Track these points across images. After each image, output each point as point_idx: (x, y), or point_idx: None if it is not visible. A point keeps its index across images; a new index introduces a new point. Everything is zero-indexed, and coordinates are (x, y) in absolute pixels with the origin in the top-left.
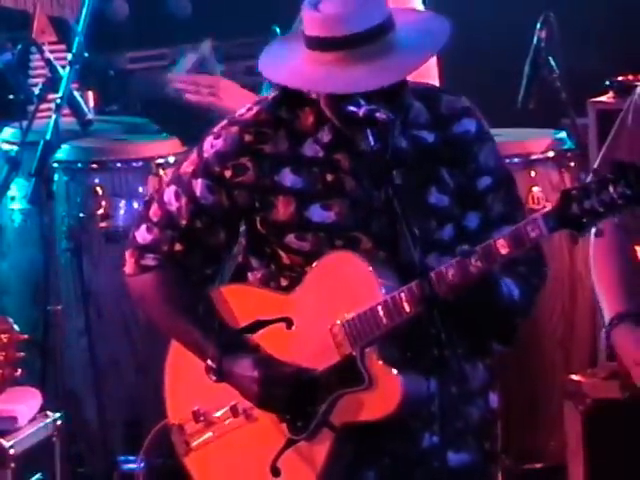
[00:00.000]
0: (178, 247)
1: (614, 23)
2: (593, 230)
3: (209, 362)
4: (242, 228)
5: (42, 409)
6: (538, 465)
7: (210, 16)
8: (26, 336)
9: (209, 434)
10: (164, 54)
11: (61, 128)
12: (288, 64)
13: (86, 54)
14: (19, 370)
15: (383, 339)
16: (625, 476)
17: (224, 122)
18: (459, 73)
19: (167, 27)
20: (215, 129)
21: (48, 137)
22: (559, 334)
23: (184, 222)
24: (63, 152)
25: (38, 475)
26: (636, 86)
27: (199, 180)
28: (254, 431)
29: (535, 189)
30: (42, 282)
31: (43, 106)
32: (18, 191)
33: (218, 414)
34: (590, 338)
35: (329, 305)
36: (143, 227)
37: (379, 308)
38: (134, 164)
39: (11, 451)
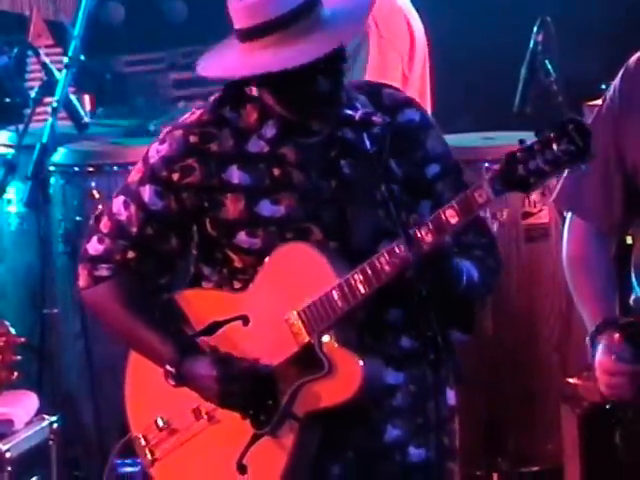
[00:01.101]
0: (131, 255)
1: (611, 26)
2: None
3: (168, 367)
4: (194, 239)
5: (38, 412)
6: (535, 468)
7: (206, 20)
8: (23, 339)
9: (173, 442)
10: (160, 58)
11: (57, 131)
12: (224, 60)
13: (82, 57)
14: (15, 373)
15: (340, 324)
16: (621, 479)
17: (168, 128)
18: (455, 76)
19: (163, 31)
20: (159, 136)
21: (45, 140)
22: (556, 337)
23: (135, 230)
24: (60, 155)
25: (34, 479)
26: None
27: (147, 186)
28: (218, 432)
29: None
30: (38, 285)
31: (39, 109)
32: (14, 194)
33: (180, 420)
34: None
35: (284, 297)
36: (94, 239)
37: (334, 292)
38: (131, 167)
39: (7, 454)
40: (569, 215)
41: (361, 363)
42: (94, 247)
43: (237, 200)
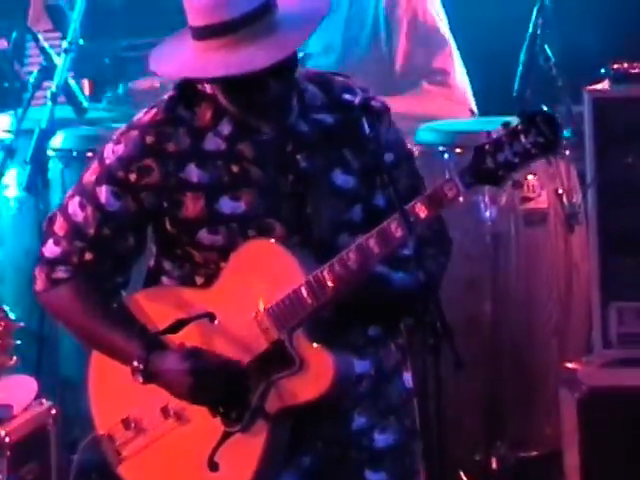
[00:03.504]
0: (88, 256)
1: (611, 11)
2: None
3: (135, 363)
4: (150, 233)
5: (37, 397)
6: (533, 452)
7: None
8: (21, 324)
9: (141, 441)
10: (160, 42)
11: (56, 116)
12: (177, 57)
13: (81, 42)
14: (14, 358)
15: (310, 320)
16: (620, 463)
17: (122, 128)
18: None
19: (163, 14)
20: (114, 136)
21: (44, 125)
22: (554, 322)
23: (92, 231)
24: (59, 140)
25: (33, 463)
26: (632, 74)
27: (103, 187)
28: (188, 431)
29: (530, 177)
30: None
31: (38, 94)
32: (13, 179)
33: (148, 419)
34: (585, 326)
35: (251, 294)
36: (50, 242)
37: (302, 289)
38: None
39: (6, 439)
40: None
41: (333, 358)
42: (50, 249)
43: (197, 198)
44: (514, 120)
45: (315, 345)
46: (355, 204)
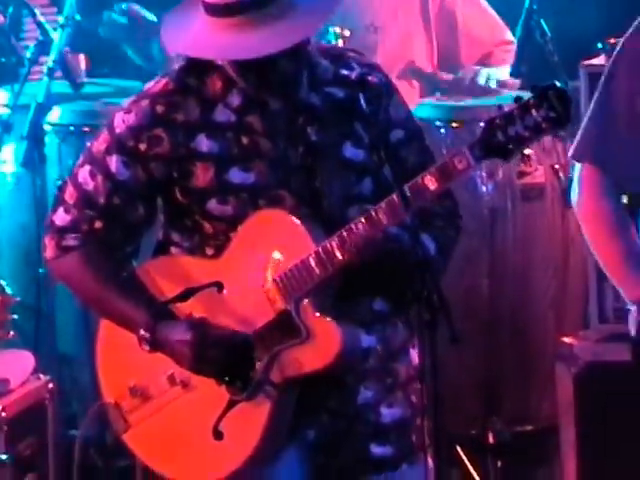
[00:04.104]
0: (98, 225)
1: None
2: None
3: (142, 332)
4: (160, 204)
5: (35, 371)
6: (529, 427)
7: None
8: (18, 299)
9: (147, 408)
10: (157, 17)
11: (53, 91)
12: (190, 32)
13: (78, 17)
14: (11, 332)
15: (318, 291)
16: (616, 438)
17: (133, 98)
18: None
19: None
20: (124, 105)
21: (40, 100)
22: (551, 297)
23: (102, 200)
24: (55, 115)
25: (31, 438)
26: None
27: (113, 156)
28: (193, 399)
29: (526, 150)
30: (34, 245)
31: (34, 69)
32: (10, 154)
33: (155, 387)
34: (582, 301)
35: (259, 263)
36: (60, 210)
37: (311, 259)
38: None
39: (3, 414)
40: (581, 169)
41: (339, 328)
42: (61, 217)
43: (207, 168)
44: (525, 95)
45: (322, 316)
46: (365, 177)
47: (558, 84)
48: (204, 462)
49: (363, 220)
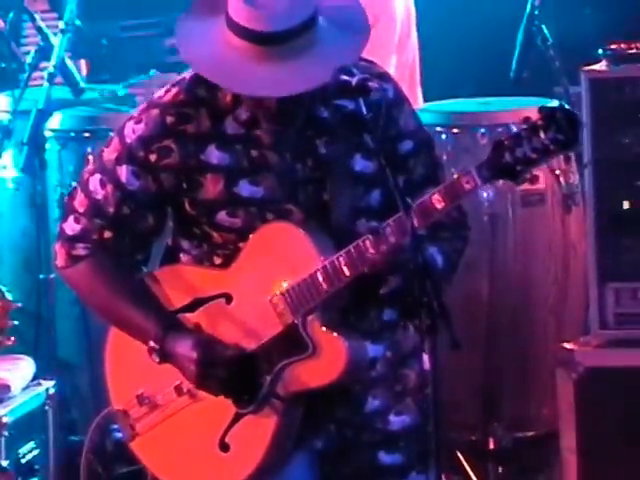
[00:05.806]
0: (107, 235)
1: None
2: None
3: (151, 343)
4: (170, 211)
5: (35, 377)
6: (530, 433)
7: None
8: (19, 304)
9: (154, 417)
10: (157, 23)
11: (53, 96)
12: (208, 48)
13: (78, 22)
14: (12, 338)
15: (325, 305)
16: (617, 443)
17: (143, 106)
18: (452, 42)
19: None
20: (135, 113)
21: (41, 106)
22: (551, 302)
23: (112, 210)
24: (56, 121)
25: (31, 444)
26: (629, 54)
27: (124, 166)
28: (200, 409)
29: None
30: (34, 251)
31: (35, 74)
32: (10, 160)
33: (162, 396)
34: (582, 306)
35: (268, 276)
36: (71, 218)
37: (318, 274)
38: None
39: (4, 419)
40: None
41: (346, 344)
42: (71, 226)
43: (216, 180)
44: (533, 114)
45: (329, 331)
46: (374, 189)
47: (566, 106)
48: (210, 473)
49: (371, 238)
